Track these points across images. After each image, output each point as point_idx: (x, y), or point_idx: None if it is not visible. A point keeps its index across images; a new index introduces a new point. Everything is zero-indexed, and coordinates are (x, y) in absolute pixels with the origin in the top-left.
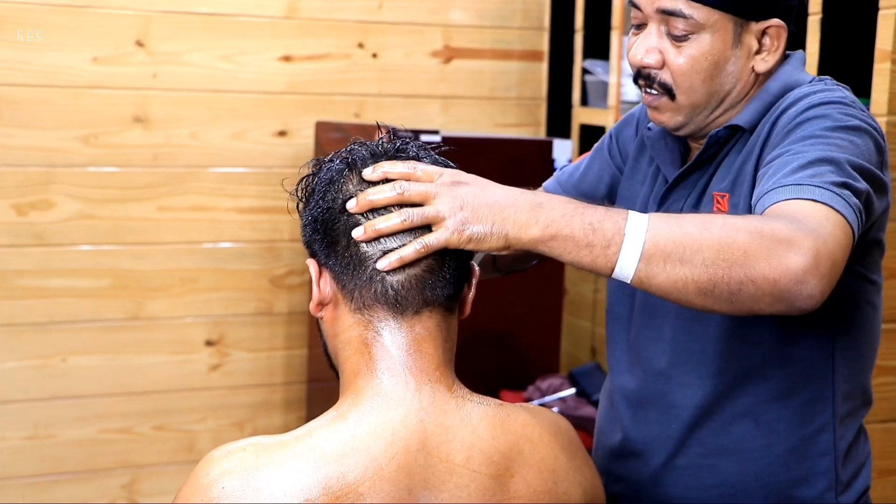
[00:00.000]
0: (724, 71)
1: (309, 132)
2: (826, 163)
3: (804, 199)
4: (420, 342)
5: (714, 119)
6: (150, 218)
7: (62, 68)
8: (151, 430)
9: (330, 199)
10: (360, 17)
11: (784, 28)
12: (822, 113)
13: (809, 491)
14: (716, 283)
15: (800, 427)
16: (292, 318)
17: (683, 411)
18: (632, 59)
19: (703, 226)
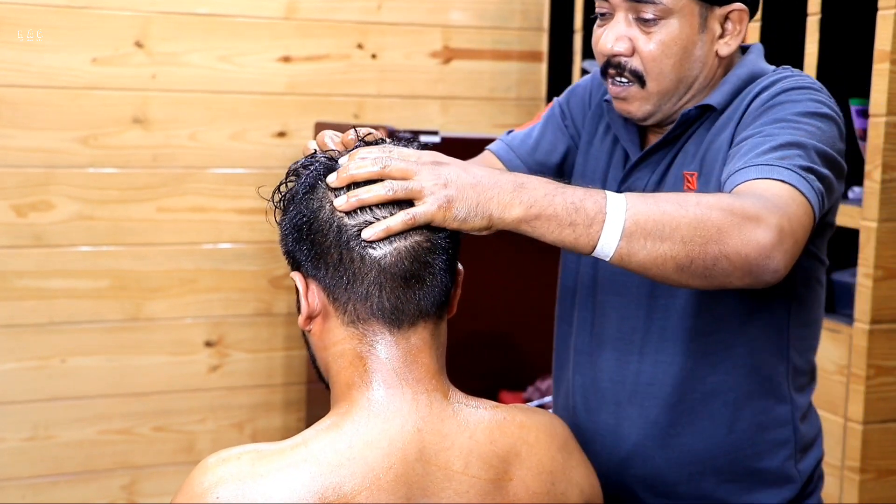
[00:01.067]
0: (692, 56)
1: (308, 133)
2: (795, 147)
3: (773, 179)
4: (416, 353)
5: (679, 106)
6: (149, 219)
7: (61, 69)
8: (151, 431)
9: (315, 207)
10: (359, 18)
11: (746, 12)
12: (794, 98)
13: (772, 462)
14: (693, 259)
15: (763, 401)
16: (292, 318)
17: (658, 390)
18: (601, 49)
19: (680, 204)
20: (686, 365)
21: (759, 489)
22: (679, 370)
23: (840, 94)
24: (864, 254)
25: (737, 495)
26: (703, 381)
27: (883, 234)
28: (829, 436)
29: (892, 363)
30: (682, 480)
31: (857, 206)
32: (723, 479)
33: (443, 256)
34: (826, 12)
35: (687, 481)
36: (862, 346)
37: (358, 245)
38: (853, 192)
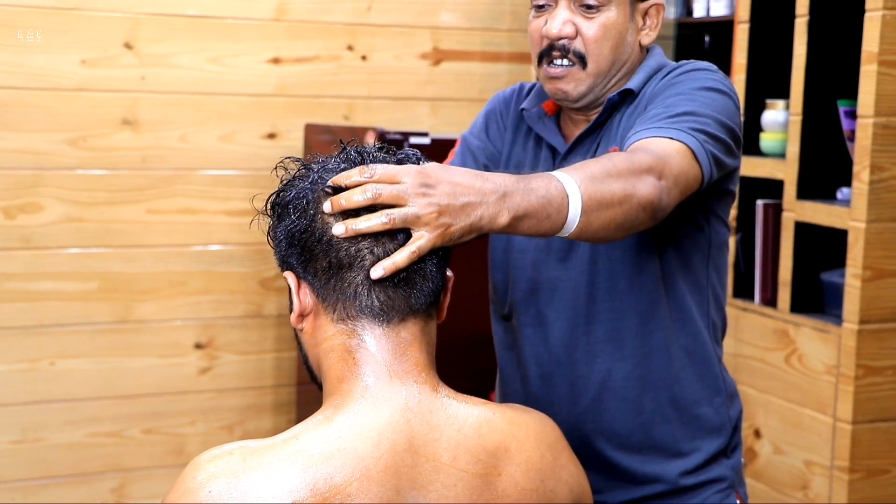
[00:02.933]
0: (624, 41)
1: (298, 134)
2: (689, 115)
3: (664, 137)
4: (405, 347)
5: (608, 89)
6: (138, 220)
7: (50, 71)
8: (141, 434)
9: (308, 219)
10: (349, 20)
11: (663, 7)
12: (693, 77)
13: (709, 408)
14: (626, 216)
15: (697, 352)
16: (282, 320)
17: (610, 347)
18: (547, 33)
19: (607, 172)
20: (633, 322)
21: (700, 436)
22: (627, 327)
23: (828, 95)
24: (852, 254)
25: (683, 442)
26: (650, 336)
27: (871, 234)
28: (818, 436)
29: (880, 363)
30: (636, 429)
31: (845, 207)
32: (670, 427)
33: (433, 260)
34: (814, 14)
35: (640, 430)
36: (851, 346)
37: (346, 254)
38: (841, 192)
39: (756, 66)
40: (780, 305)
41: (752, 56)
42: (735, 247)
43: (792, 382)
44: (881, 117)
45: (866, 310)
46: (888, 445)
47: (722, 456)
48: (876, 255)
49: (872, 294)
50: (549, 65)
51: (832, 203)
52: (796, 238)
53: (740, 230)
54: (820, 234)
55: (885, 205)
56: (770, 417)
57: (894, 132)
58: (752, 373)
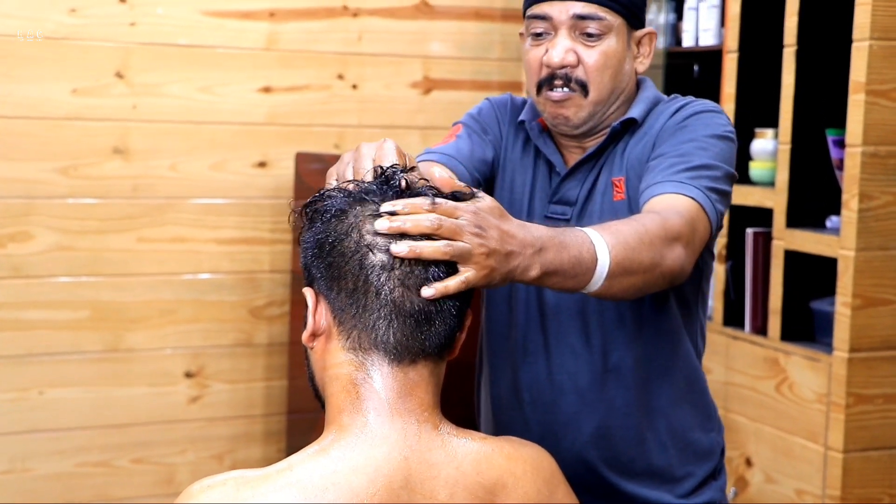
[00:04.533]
0: (623, 69)
1: (289, 163)
2: (705, 169)
3: (685, 196)
4: (411, 387)
5: (607, 117)
6: (129, 249)
7: (41, 100)
8: (130, 464)
9: (342, 231)
10: (339, 49)
11: (656, 35)
12: (703, 121)
13: (701, 434)
14: (647, 283)
15: (690, 379)
16: (272, 349)
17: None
18: (549, 62)
19: (640, 238)
20: (635, 351)
21: (692, 461)
22: (630, 355)
23: (816, 124)
24: (842, 282)
25: (678, 468)
26: (650, 364)
27: (860, 262)
28: (809, 464)
29: (871, 391)
30: (637, 456)
31: (834, 236)
32: (667, 454)
33: (455, 301)
34: (802, 44)
35: (640, 457)
36: (841, 374)
37: (377, 280)
38: (830, 221)
39: (745, 96)
40: (771, 334)
41: (740, 85)
42: (725, 275)
43: (782, 411)
44: (869, 146)
45: (856, 338)
46: (879, 474)
47: (711, 479)
48: (865, 283)
49: (862, 322)
50: (549, 90)
51: (821, 231)
52: (786, 266)
53: (730, 258)
54: (809, 263)
55: (874, 233)
56: (761, 446)
57: (882, 161)
58: (743, 401)
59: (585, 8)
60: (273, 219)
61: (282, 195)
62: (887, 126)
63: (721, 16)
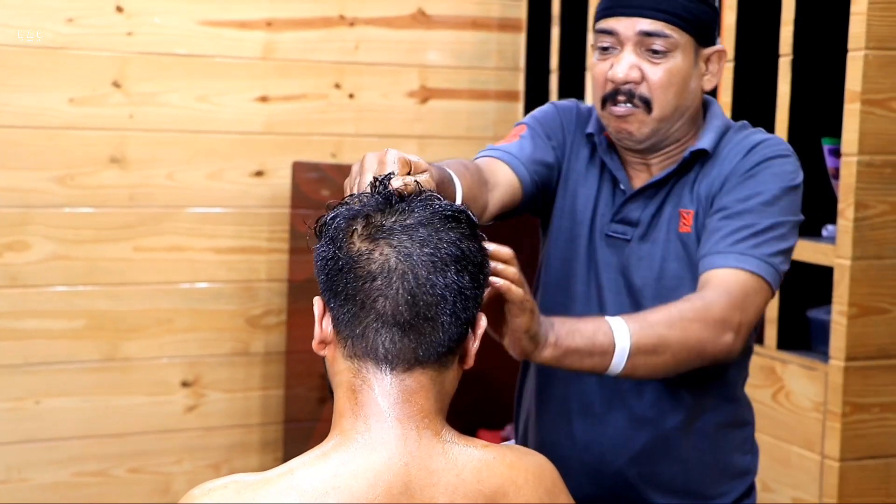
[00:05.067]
0: (688, 87)
1: (286, 172)
2: (770, 230)
3: (745, 271)
4: (410, 394)
5: (671, 134)
6: (126, 258)
7: (38, 109)
8: (126, 473)
9: (336, 249)
10: (336, 58)
11: (725, 53)
12: (773, 170)
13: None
14: (679, 365)
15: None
16: (269, 358)
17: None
18: (613, 77)
19: (669, 324)
20: (693, 377)
21: (728, 481)
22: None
23: (812, 133)
24: (838, 291)
25: (714, 486)
26: (703, 386)
27: (856, 271)
28: (805, 473)
29: (867, 400)
30: (678, 474)
31: (830, 244)
32: (707, 473)
33: (447, 309)
34: (798, 53)
35: (681, 475)
36: (837, 383)
37: (364, 290)
38: (826, 230)
39: (740, 104)
40: (767, 342)
41: (736, 94)
42: None
43: (779, 420)
44: (865, 155)
45: (852, 347)
46: (876, 483)
47: (745, 498)
48: (861, 292)
49: (858, 331)
50: (613, 105)
51: (817, 240)
52: None
53: None
54: (806, 272)
55: (869, 242)
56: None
57: (878, 170)
58: None
59: (652, 25)
60: (270, 228)
61: (279, 204)
62: (883, 135)
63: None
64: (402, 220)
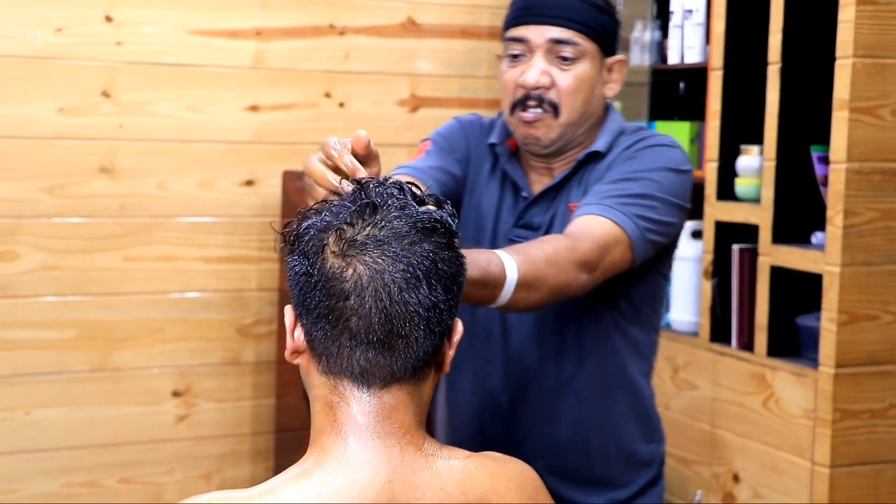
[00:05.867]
0: (594, 93)
1: (276, 181)
2: (640, 198)
3: (608, 219)
4: (389, 410)
5: (575, 139)
6: (116, 268)
7: (28, 119)
8: (117, 484)
9: (308, 265)
10: (326, 67)
11: (626, 62)
12: (654, 153)
13: (643, 445)
14: (547, 301)
15: (638, 395)
16: (260, 367)
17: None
18: (524, 83)
19: (546, 261)
20: (590, 368)
21: (634, 470)
22: (584, 372)
23: (801, 141)
24: (827, 298)
25: (619, 476)
26: (603, 381)
27: (846, 278)
28: (796, 480)
29: (857, 406)
30: (581, 465)
31: (819, 252)
32: (611, 463)
33: (421, 325)
34: (786, 61)
35: (585, 466)
36: (827, 389)
37: (337, 309)
38: (815, 237)
39: (730, 113)
40: (757, 349)
41: (725, 102)
42: (711, 291)
43: (769, 426)
44: (853, 163)
45: (842, 353)
46: (866, 489)
47: (651, 487)
48: (851, 298)
49: (848, 338)
50: (523, 110)
51: (807, 247)
52: (772, 282)
53: (716, 275)
54: (795, 279)
55: (858, 249)
56: (748, 462)
57: (867, 177)
58: (730, 417)
59: (562, 33)
60: (260, 237)
61: (269, 213)
62: (871, 143)
63: (706, 33)
64: (376, 233)
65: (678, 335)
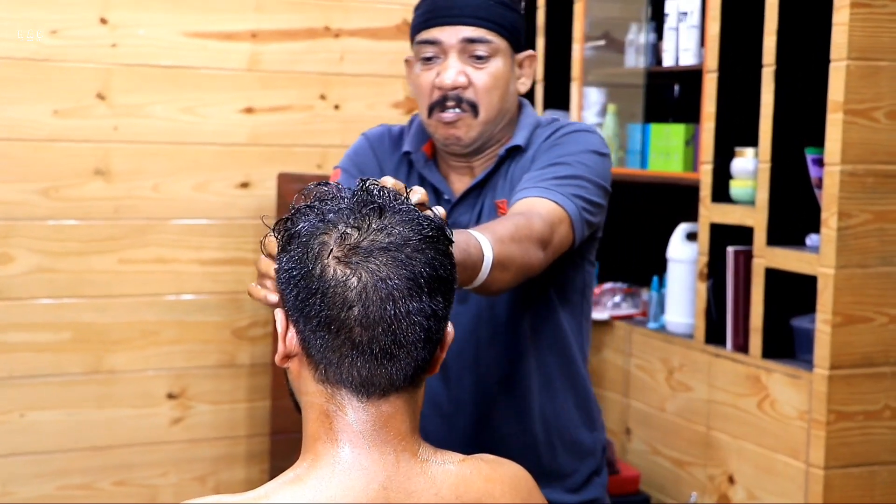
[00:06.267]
0: (509, 90)
1: (271, 183)
2: (573, 178)
3: (549, 200)
4: (386, 419)
5: (494, 136)
6: (111, 270)
7: (23, 121)
8: (112, 486)
9: (309, 263)
10: (321, 69)
11: (535, 57)
12: (576, 139)
13: (585, 434)
14: (515, 280)
15: (578, 384)
16: (255, 369)
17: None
18: (441, 84)
19: (512, 239)
20: (526, 360)
21: (578, 459)
22: (520, 364)
23: (796, 143)
24: (822, 300)
25: (565, 466)
26: (541, 371)
27: (840, 280)
28: (790, 481)
29: (852, 408)
30: (528, 457)
31: (814, 254)
32: (556, 453)
33: (421, 334)
34: (781, 64)
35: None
36: (822, 391)
37: (338, 318)
38: (810, 239)
39: (725, 115)
40: (752, 351)
41: (720, 104)
42: (706, 293)
43: (764, 428)
44: (848, 165)
45: (837, 355)
46: (861, 490)
47: (595, 475)
48: (845, 300)
49: (842, 340)
50: (442, 112)
51: (801, 249)
52: (767, 284)
53: (711, 276)
54: (790, 280)
55: (853, 251)
56: (743, 463)
57: (861, 179)
58: (725, 419)
59: (474, 31)
60: (256, 239)
61: (264, 215)
62: (865, 145)
63: (701, 36)
64: (380, 238)
65: (673, 337)
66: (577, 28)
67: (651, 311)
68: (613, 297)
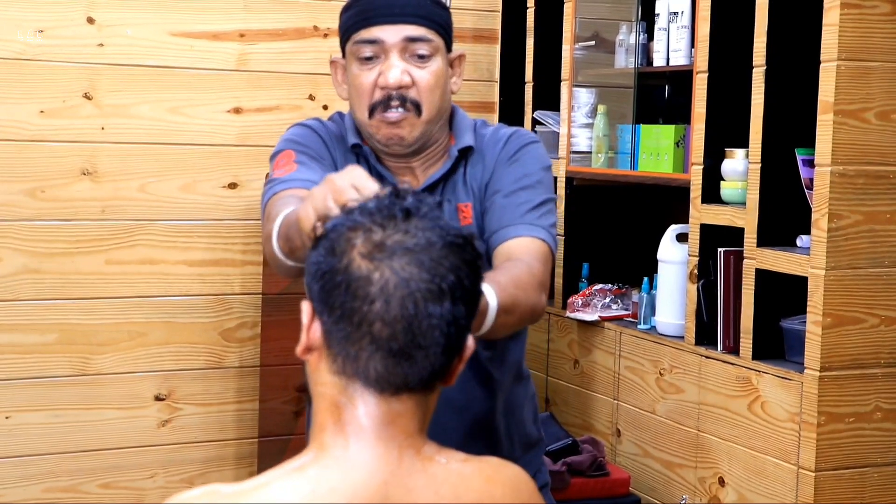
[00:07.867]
0: (447, 89)
1: (259, 184)
2: (544, 204)
3: (538, 239)
4: (395, 416)
5: (433, 135)
6: (97, 271)
7: (9, 121)
8: (99, 489)
9: (335, 263)
10: (310, 69)
11: (465, 57)
12: (531, 153)
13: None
14: (519, 324)
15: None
16: (243, 371)
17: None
18: (385, 83)
19: (515, 285)
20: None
21: (528, 449)
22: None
23: (786, 144)
24: (812, 301)
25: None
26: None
27: (831, 281)
28: (781, 484)
29: (842, 410)
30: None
31: (804, 255)
32: (512, 446)
33: (440, 339)
34: (771, 64)
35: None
36: (812, 393)
37: (360, 312)
38: (801, 240)
39: (715, 115)
40: (743, 353)
41: (710, 105)
42: (697, 294)
43: (755, 430)
44: (838, 165)
45: (827, 357)
46: (851, 493)
47: (541, 463)
48: (836, 301)
49: (833, 341)
50: (385, 111)
51: (792, 250)
52: (757, 285)
53: (701, 278)
54: (780, 282)
55: (843, 252)
56: (733, 465)
57: (851, 180)
58: (716, 420)
59: (416, 30)
60: (244, 240)
61: (252, 217)
62: (856, 145)
63: (691, 36)
64: (406, 240)
65: (663, 338)
66: (567, 29)
67: (641, 312)
68: (603, 298)
